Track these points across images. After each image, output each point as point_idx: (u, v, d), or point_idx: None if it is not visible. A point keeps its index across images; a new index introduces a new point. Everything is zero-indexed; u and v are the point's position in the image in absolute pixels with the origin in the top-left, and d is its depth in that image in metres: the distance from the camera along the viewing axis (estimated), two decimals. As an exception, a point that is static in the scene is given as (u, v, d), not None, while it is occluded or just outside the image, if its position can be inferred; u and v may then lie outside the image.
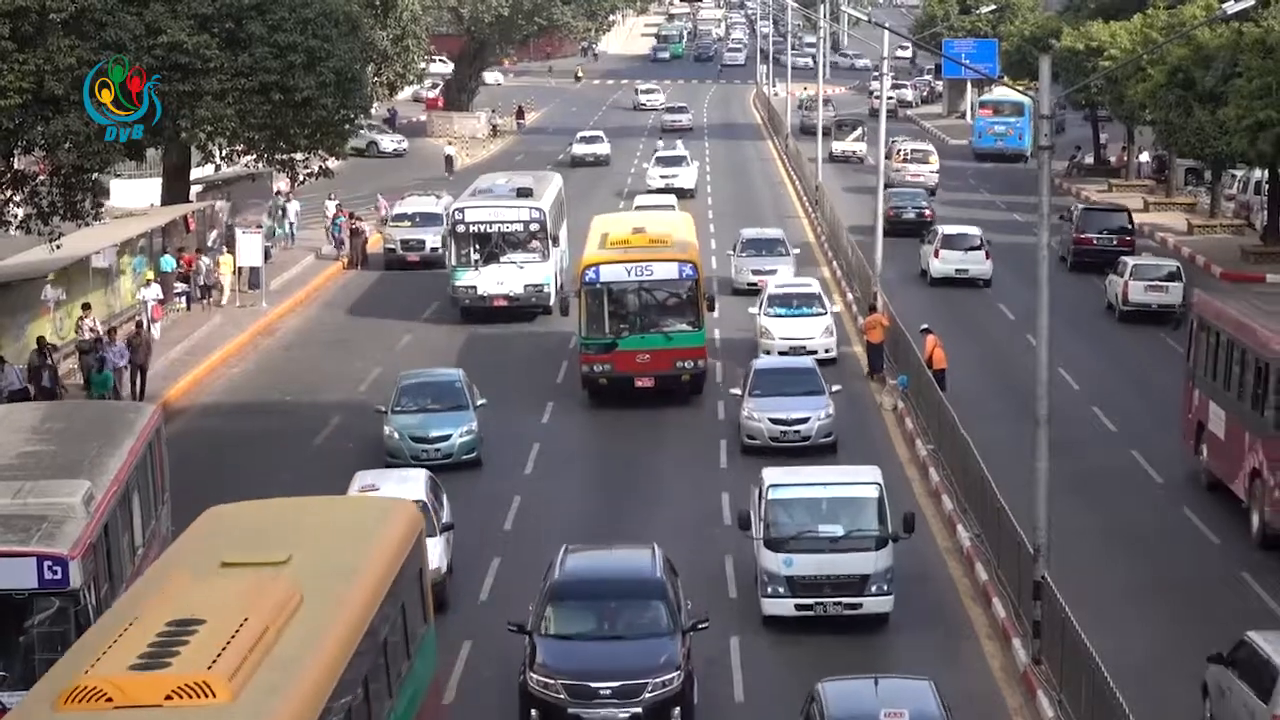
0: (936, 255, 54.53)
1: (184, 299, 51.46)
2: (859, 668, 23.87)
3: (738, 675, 25.52)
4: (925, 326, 41.51)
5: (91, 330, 41.63)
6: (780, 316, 44.41)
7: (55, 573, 20.83)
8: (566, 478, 36.08)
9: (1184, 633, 27.28)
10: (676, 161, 78.12)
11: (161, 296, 48.47)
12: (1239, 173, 68.49)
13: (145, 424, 27.04)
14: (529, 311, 49.95)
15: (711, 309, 41.99)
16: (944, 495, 33.13)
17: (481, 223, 49.60)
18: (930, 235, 56.43)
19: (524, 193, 51.06)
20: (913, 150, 75.99)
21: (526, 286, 49.38)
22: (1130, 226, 57.64)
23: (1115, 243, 55.83)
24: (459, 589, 29.06)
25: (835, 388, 37.80)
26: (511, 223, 49.70)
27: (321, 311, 53.63)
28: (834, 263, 58.13)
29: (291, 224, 62.92)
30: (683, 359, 40.09)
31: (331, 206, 64.64)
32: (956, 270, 54.30)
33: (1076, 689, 22.68)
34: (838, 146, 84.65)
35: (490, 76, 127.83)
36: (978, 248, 54.63)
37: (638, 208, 60.95)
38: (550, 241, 49.91)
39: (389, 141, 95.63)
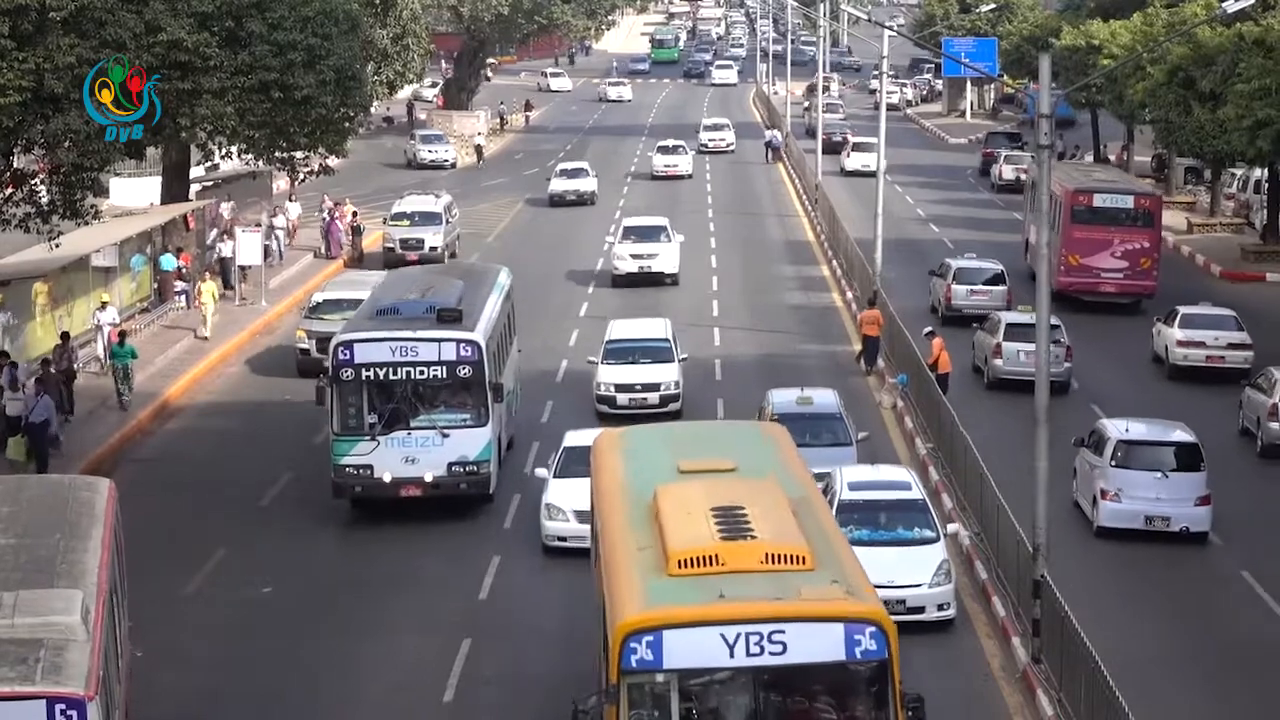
0: (847, 156, 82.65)
1: (184, 297, 51.42)
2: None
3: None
4: (929, 330, 41.82)
5: (64, 360, 39.30)
6: (861, 544, 25.09)
7: (69, 718, 16.82)
8: None
9: (1185, 629, 27.38)
10: (653, 234, 55.70)
11: (117, 321, 44.75)
12: (1238, 172, 68.56)
13: (108, 507, 22.14)
14: (455, 502, 32.60)
15: (922, 715, 17.46)
16: (943, 494, 33.15)
17: (381, 365, 31.99)
18: (845, 146, 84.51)
19: (448, 315, 33.00)
20: (825, 104, 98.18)
21: (453, 466, 32.05)
22: (1019, 141, 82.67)
23: None
24: (456, 586, 29.05)
25: None
26: (429, 365, 32.11)
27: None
28: (833, 261, 58.39)
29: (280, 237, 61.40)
30: None
31: (294, 209, 64.02)
32: (863, 165, 77.73)
33: (1076, 688, 22.69)
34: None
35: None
36: (874, 151, 74.73)
37: (608, 346, 40.17)
38: (490, 393, 32.43)
39: (429, 151, 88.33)
